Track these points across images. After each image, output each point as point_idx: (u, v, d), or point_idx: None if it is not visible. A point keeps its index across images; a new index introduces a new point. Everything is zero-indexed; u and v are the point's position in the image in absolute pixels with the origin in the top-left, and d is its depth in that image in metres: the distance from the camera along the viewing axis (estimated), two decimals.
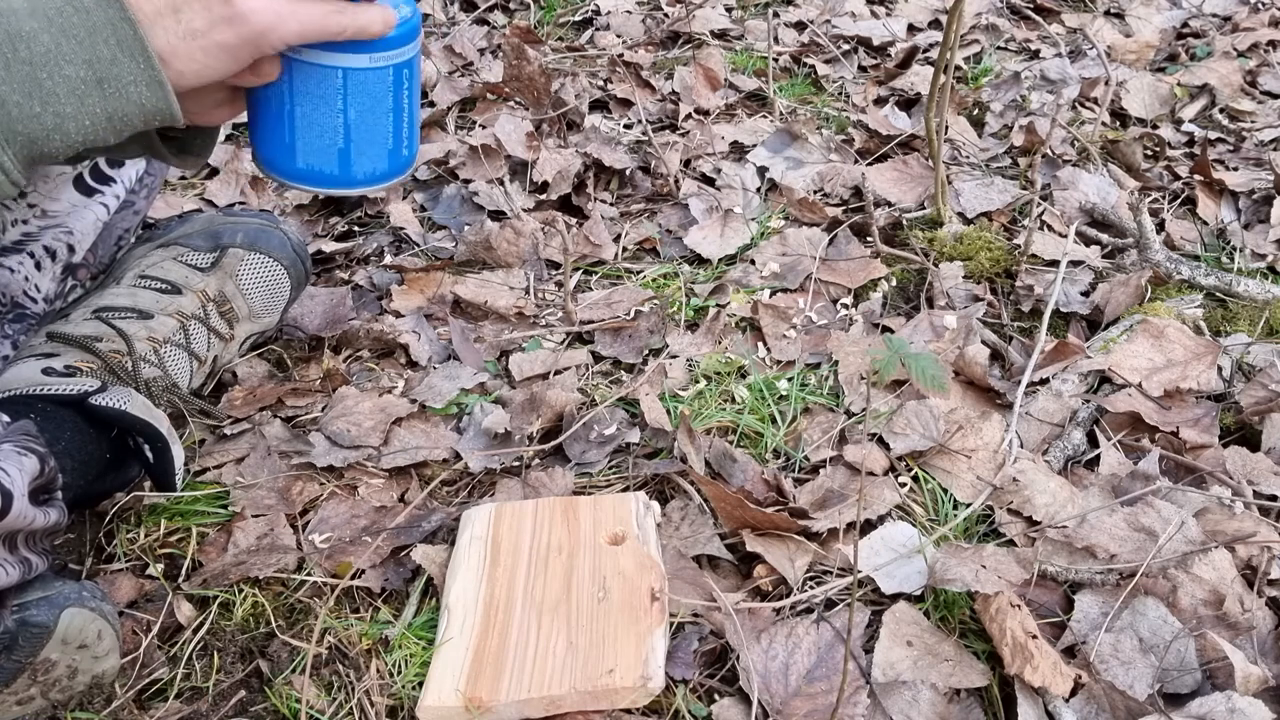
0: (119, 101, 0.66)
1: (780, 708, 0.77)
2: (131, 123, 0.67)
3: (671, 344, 1.17)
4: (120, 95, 0.66)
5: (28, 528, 0.69)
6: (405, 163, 0.84)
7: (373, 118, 0.79)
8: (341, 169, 0.81)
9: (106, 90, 0.65)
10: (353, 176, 0.82)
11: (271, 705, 0.79)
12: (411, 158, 0.84)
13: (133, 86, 0.66)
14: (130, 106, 0.66)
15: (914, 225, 1.35)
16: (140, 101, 0.67)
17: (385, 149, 0.82)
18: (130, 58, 0.65)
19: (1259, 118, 1.65)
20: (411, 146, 0.84)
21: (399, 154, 0.83)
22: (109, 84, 0.65)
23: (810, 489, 0.97)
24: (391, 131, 0.82)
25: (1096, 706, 0.76)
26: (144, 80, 0.66)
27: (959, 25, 1.16)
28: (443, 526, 0.94)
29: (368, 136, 0.80)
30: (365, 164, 0.82)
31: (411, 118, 0.83)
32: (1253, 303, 1.18)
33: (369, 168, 0.82)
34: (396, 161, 0.84)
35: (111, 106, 0.66)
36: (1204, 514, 0.90)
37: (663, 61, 1.88)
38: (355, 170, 0.82)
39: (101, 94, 0.65)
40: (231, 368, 1.12)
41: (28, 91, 0.63)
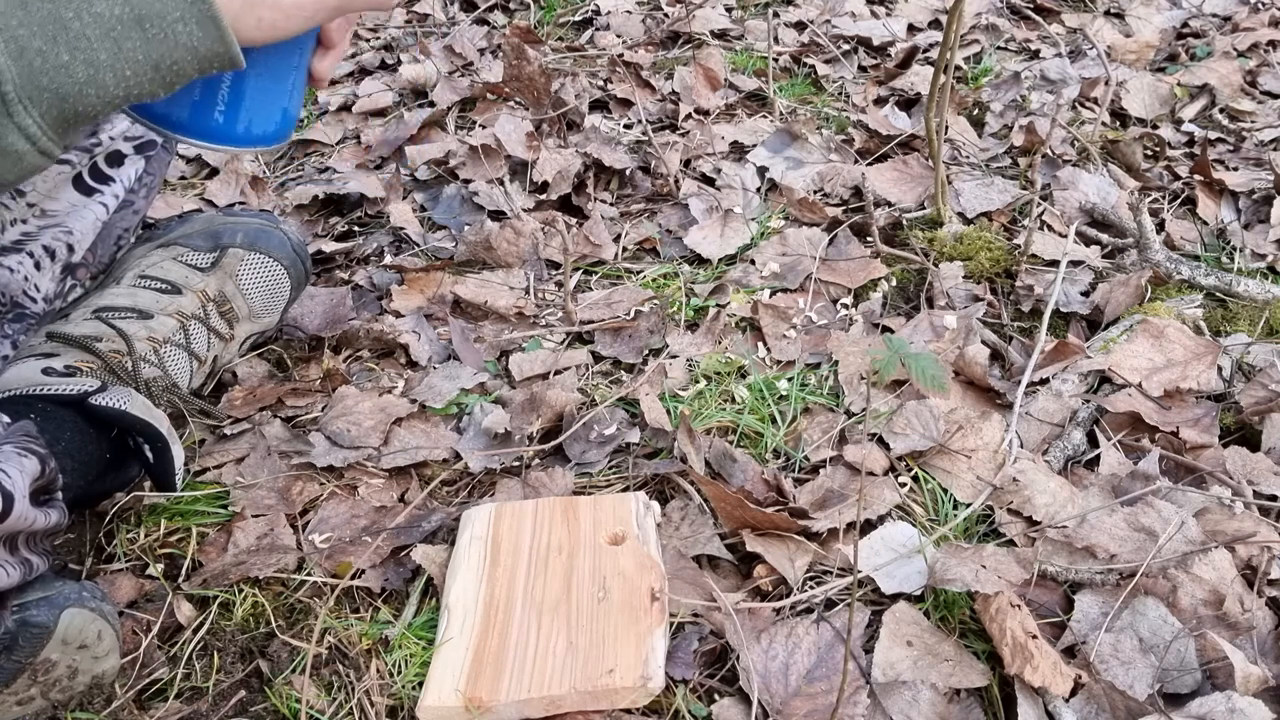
0: (165, 45, 0.56)
1: (780, 708, 0.77)
2: (184, 70, 0.57)
3: (671, 344, 1.17)
4: (166, 37, 0.56)
5: (28, 529, 0.69)
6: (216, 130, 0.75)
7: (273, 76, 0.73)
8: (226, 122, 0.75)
9: (148, 30, 0.55)
10: (235, 133, 0.76)
11: (271, 705, 0.79)
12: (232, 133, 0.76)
13: (180, 25, 0.56)
14: (179, 50, 0.56)
15: (914, 225, 1.35)
16: (191, 44, 0.57)
17: (277, 107, 0.77)
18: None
19: (1259, 118, 1.65)
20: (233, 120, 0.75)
21: (288, 118, 0.78)
22: (151, 23, 0.55)
23: (810, 489, 0.97)
24: (288, 91, 0.77)
25: (1096, 706, 0.76)
26: (193, 17, 0.56)
27: (959, 25, 1.16)
28: (443, 526, 0.94)
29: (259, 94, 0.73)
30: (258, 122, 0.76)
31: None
32: (1253, 303, 1.18)
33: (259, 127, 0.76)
34: (282, 125, 0.78)
35: (157, 51, 0.56)
36: (1204, 514, 0.90)
37: (663, 61, 1.88)
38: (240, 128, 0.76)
39: (143, 35, 0.55)
40: (231, 368, 1.12)
41: (51, 36, 0.53)
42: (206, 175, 1.55)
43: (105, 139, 0.97)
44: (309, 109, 1.80)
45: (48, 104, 0.54)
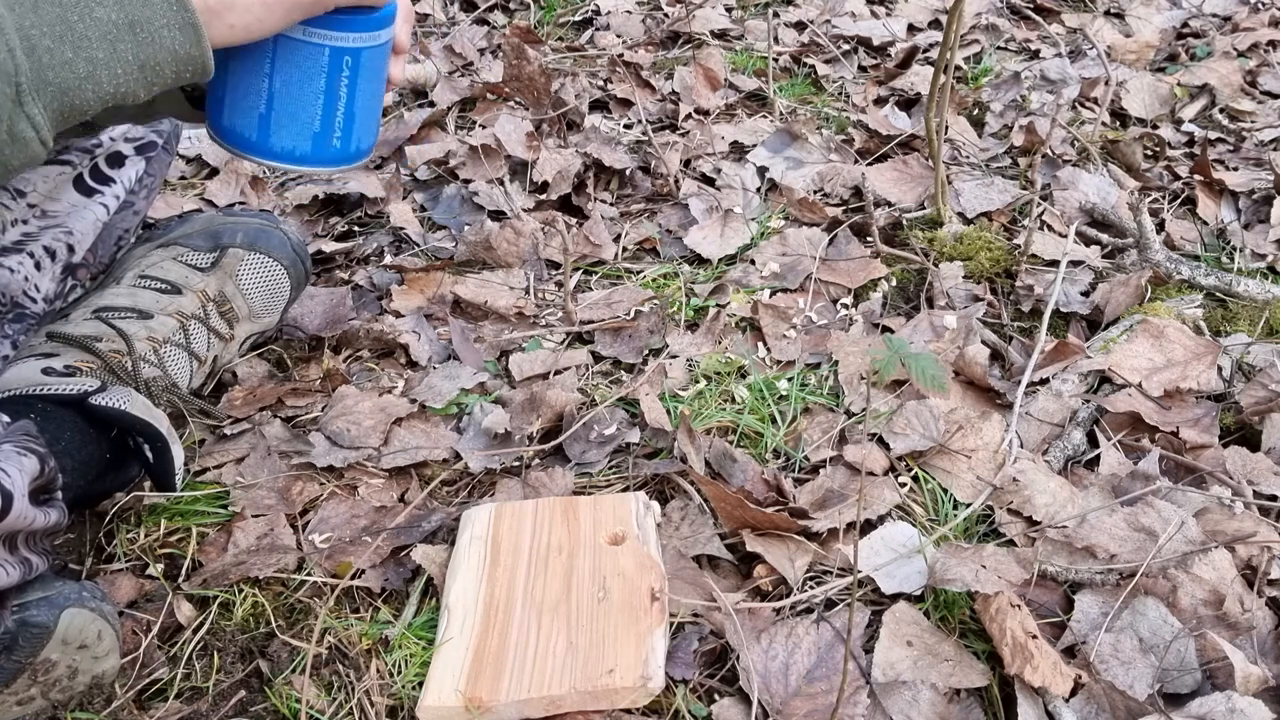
0: (151, 47, 0.62)
1: (780, 708, 0.77)
2: (163, 73, 0.64)
3: (671, 344, 1.17)
4: (153, 40, 0.62)
5: (28, 528, 0.69)
6: (337, 154, 0.82)
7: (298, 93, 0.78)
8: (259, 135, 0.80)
9: (139, 35, 0.62)
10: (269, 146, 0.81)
11: (271, 705, 0.79)
12: (348, 150, 0.82)
13: (165, 30, 0.63)
14: (162, 53, 0.63)
15: (914, 225, 1.35)
16: (173, 47, 0.63)
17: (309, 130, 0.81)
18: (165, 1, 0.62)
19: (1259, 118, 1.65)
20: (348, 137, 0.82)
21: (325, 140, 0.81)
22: (141, 28, 0.62)
23: (810, 489, 0.97)
24: (320, 115, 0.80)
25: (1096, 706, 0.76)
26: (176, 24, 0.63)
27: (959, 25, 1.16)
28: (443, 526, 0.94)
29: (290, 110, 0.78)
30: (285, 138, 0.80)
31: (350, 109, 0.81)
32: (1253, 303, 1.18)
33: (287, 142, 0.80)
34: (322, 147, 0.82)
35: (144, 53, 0.62)
36: (1204, 514, 0.90)
37: (663, 61, 1.88)
38: (273, 140, 0.80)
39: (134, 39, 0.62)
40: (231, 368, 1.12)
41: (59, 35, 0.59)
42: (206, 175, 1.55)
43: (106, 140, 0.97)
44: None
45: (51, 96, 0.59)
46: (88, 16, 0.60)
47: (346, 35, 0.79)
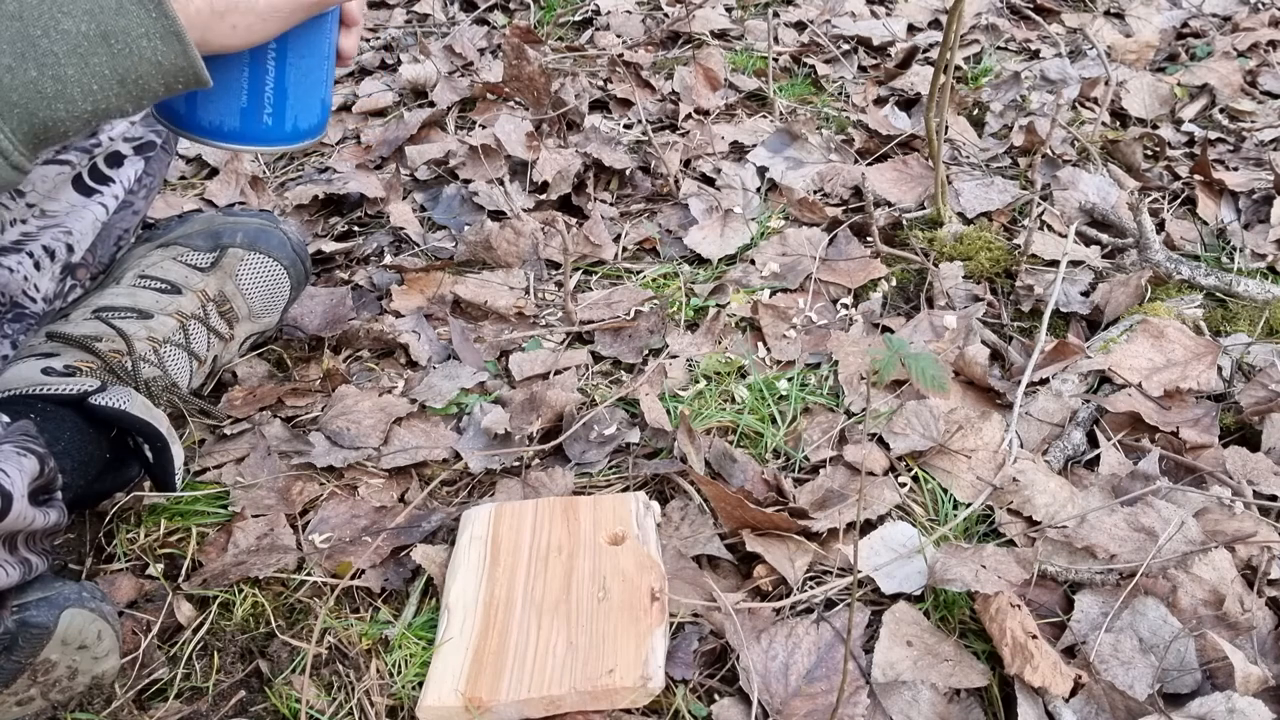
0: (130, 60, 0.57)
1: (780, 708, 0.77)
2: (150, 86, 0.59)
3: (671, 344, 1.17)
4: (130, 52, 0.57)
5: (28, 528, 0.69)
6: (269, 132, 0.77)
7: (222, 65, 0.72)
8: (187, 108, 0.76)
9: (114, 46, 0.56)
10: (197, 120, 0.76)
11: (271, 705, 0.79)
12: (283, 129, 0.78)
13: (144, 40, 0.57)
14: (144, 65, 0.57)
15: (914, 225, 1.35)
16: (156, 59, 0.58)
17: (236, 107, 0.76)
18: (138, 4, 0.57)
19: (1259, 118, 1.65)
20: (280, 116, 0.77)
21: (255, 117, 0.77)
22: (116, 38, 0.56)
23: (810, 489, 0.97)
24: (246, 91, 0.76)
25: (1096, 706, 0.76)
26: (157, 33, 0.57)
27: (959, 25, 1.16)
28: (443, 526, 0.94)
29: (216, 86, 0.72)
30: (211, 113, 0.76)
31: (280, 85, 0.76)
32: (1253, 303, 1.18)
33: (213, 118, 0.76)
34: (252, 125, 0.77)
35: (122, 66, 0.57)
36: (1204, 514, 0.90)
37: (663, 61, 1.88)
38: (200, 115, 0.76)
39: (109, 51, 0.56)
40: (231, 368, 1.12)
41: (19, 52, 0.54)
42: (206, 175, 1.55)
43: (105, 140, 0.97)
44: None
45: (18, 119, 0.55)
46: (53, 30, 0.55)
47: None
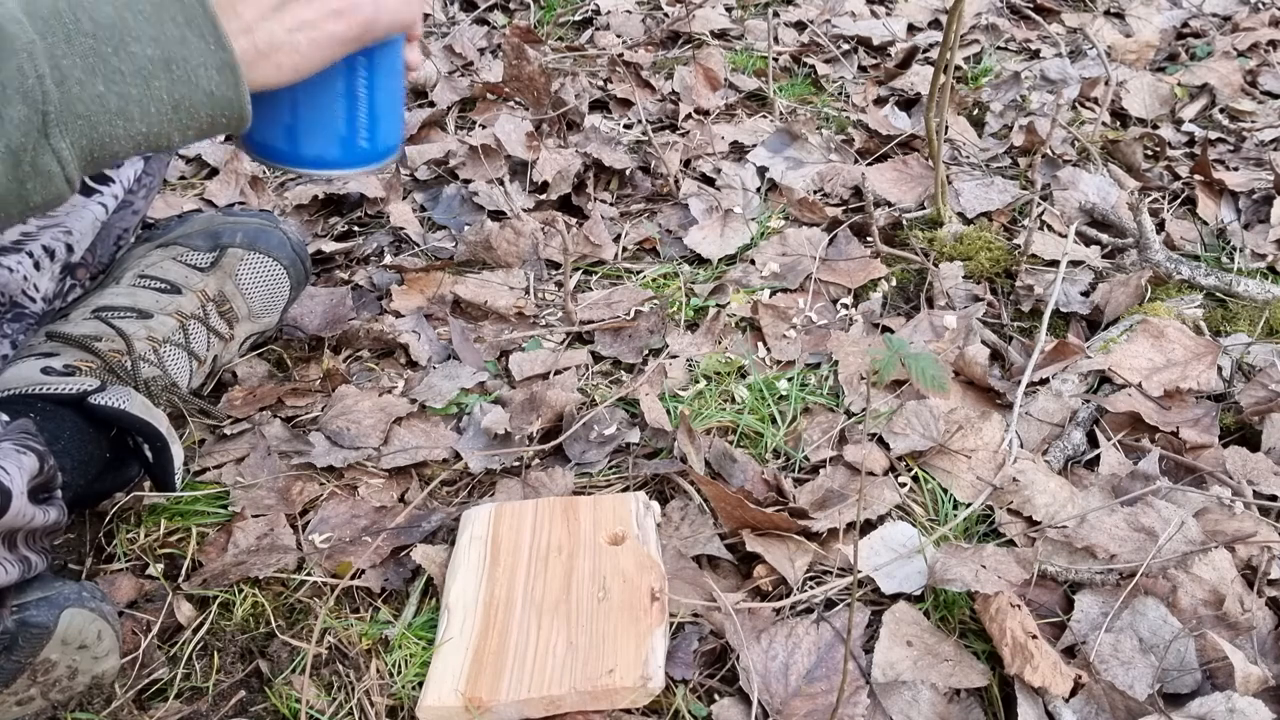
0: (187, 87, 0.60)
1: (780, 708, 0.77)
2: (198, 115, 0.62)
3: (671, 344, 1.17)
4: (188, 80, 0.60)
5: (27, 526, 0.69)
6: (365, 154, 0.81)
7: (321, 102, 0.77)
8: (290, 146, 0.79)
9: (174, 73, 0.59)
10: (300, 155, 0.80)
11: (271, 705, 0.79)
12: (376, 149, 0.82)
13: (202, 70, 0.61)
14: (198, 94, 0.61)
15: (914, 225, 1.35)
16: (209, 89, 0.61)
17: (334, 135, 0.80)
18: (199, 37, 0.60)
19: (1259, 118, 1.65)
20: (375, 138, 0.81)
21: (353, 143, 0.81)
22: (177, 65, 0.59)
23: (810, 489, 0.97)
24: (343, 119, 0.79)
25: (1096, 706, 0.76)
26: (214, 64, 0.61)
27: (959, 25, 1.16)
28: (443, 526, 0.94)
29: (316, 120, 0.77)
30: (313, 146, 0.80)
31: (374, 110, 0.80)
32: (1253, 303, 1.18)
33: (316, 150, 0.80)
34: (351, 150, 0.81)
35: (179, 92, 0.60)
36: (1204, 514, 0.90)
37: (663, 61, 1.88)
38: (303, 149, 0.80)
39: (169, 77, 0.59)
40: (231, 368, 1.12)
41: (91, 67, 0.57)
42: (206, 175, 1.55)
43: None
44: None
45: (79, 131, 0.57)
46: (123, 50, 0.58)
47: None
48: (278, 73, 0.66)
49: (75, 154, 0.58)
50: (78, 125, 0.57)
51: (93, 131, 0.58)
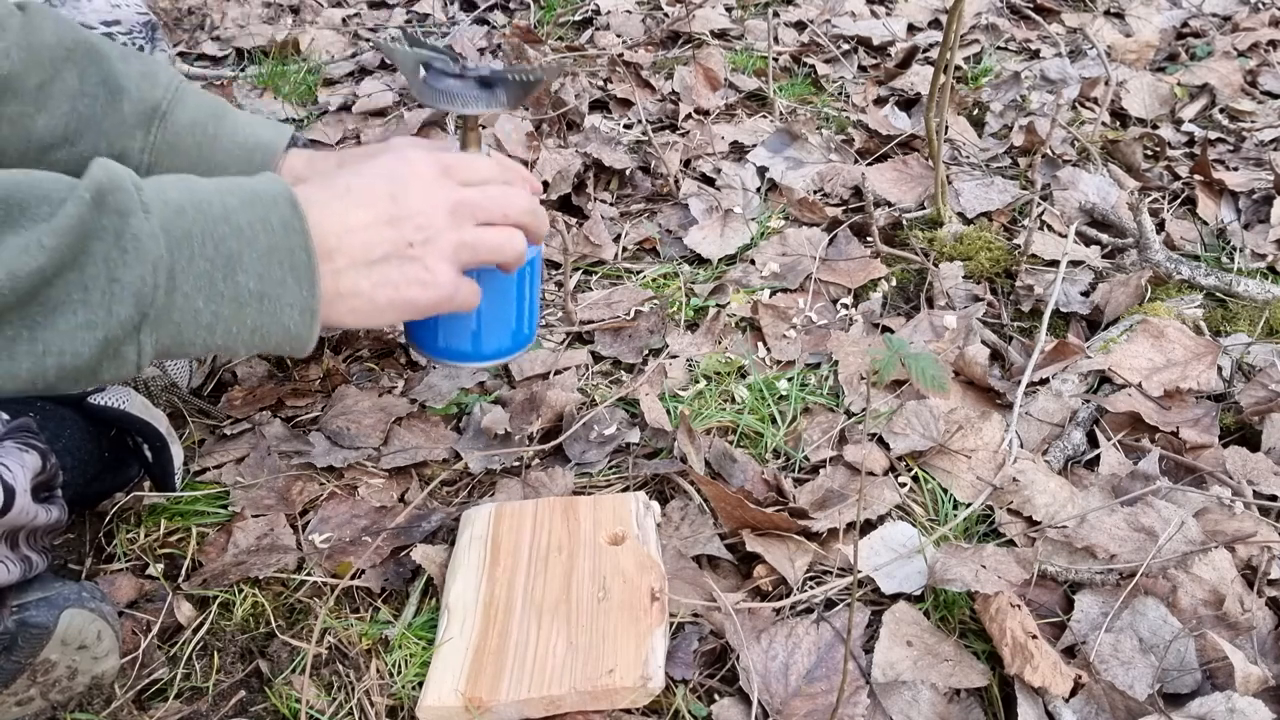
0: (269, 319, 0.65)
1: (780, 708, 0.77)
2: (268, 341, 0.67)
3: (671, 344, 1.17)
4: (273, 314, 0.65)
5: (30, 524, 0.69)
6: (526, 339, 0.95)
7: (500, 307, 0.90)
8: (474, 347, 0.93)
9: (264, 306, 0.65)
10: (482, 352, 0.93)
11: (271, 705, 0.79)
12: (532, 333, 0.95)
13: (288, 309, 0.66)
14: (275, 327, 0.66)
15: (914, 225, 1.35)
16: (287, 325, 0.66)
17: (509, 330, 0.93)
18: (297, 283, 0.66)
19: (1259, 118, 1.65)
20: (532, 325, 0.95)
21: (521, 333, 0.94)
22: (269, 300, 0.65)
23: (810, 489, 0.97)
24: (515, 314, 0.93)
25: (1096, 706, 0.76)
26: (299, 306, 0.66)
27: (959, 25, 1.16)
28: (443, 526, 0.94)
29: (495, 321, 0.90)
30: (493, 342, 0.93)
31: (532, 304, 0.94)
32: (1253, 303, 1.18)
33: (495, 345, 0.93)
34: (519, 339, 0.94)
35: (262, 322, 0.65)
36: (1204, 514, 0.90)
37: (663, 61, 1.88)
38: (485, 347, 0.93)
39: (259, 308, 0.65)
40: (231, 367, 1.12)
41: (199, 287, 0.62)
42: None
43: None
44: (309, 109, 1.80)
45: (167, 334, 0.62)
46: (230, 279, 0.63)
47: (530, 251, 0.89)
48: (349, 316, 0.71)
49: (154, 349, 0.62)
50: (168, 329, 0.61)
51: (178, 335, 0.62)
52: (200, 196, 0.63)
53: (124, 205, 0.59)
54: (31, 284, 0.56)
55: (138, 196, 0.60)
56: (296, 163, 0.92)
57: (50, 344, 0.58)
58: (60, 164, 0.83)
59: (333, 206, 0.69)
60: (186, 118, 0.88)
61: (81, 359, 0.59)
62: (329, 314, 0.70)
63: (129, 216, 0.59)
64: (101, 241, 0.58)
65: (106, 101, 0.85)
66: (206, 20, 2.21)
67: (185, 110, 0.88)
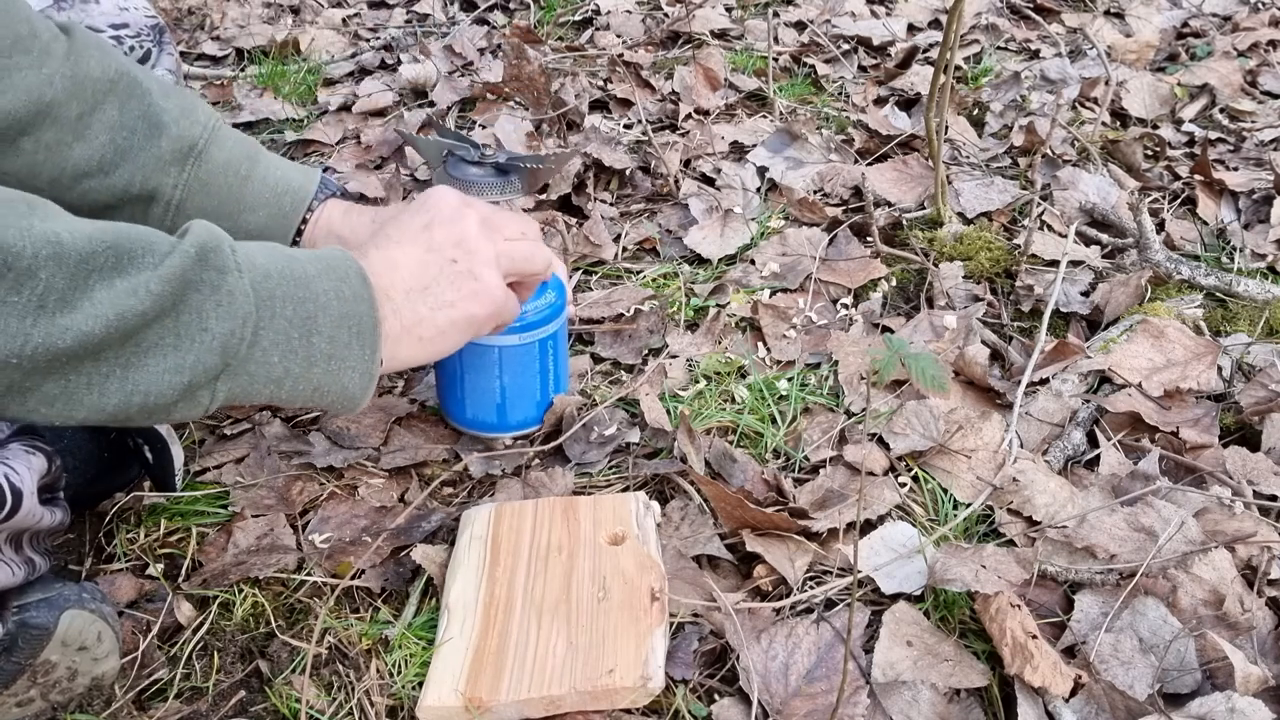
0: (331, 378, 0.70)
1: (780, 708, 0.77)
2: (325, 398, 0.71)
3: (671, 344, 1.17)
4: (336, 374, 0.70)
5: (35, 526, 0.69)
6: (547, 405, 1.02)
7: (523, 380, 0.97)
8: (499, 418, 1.00)
9: (330, 366, 0.69)
10: (507, 423, 1.01)
11: (271, 705, 0.79)
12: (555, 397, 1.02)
13: (350, 372, 0.70)
14: (335, 385, 0.70)
15: (914, 225, 1.35)
16: (345, 384, 0.71)
17: (534, 401, 1.00)
18: (362, 347, 0.70)
19: (1259, 118, 1.65)
20: (558, 389, 1.02)
21: (545, 405, 1.01)
22: (335, 361, 0.69)
23: (810, 489, 0.97)
24: (539, 388, 1.00)
25: (1096, 706, 0.76)
26: (359, 369, 0.71)
27: (959, 25, 1.16)
28: (443, 526, 0.94)
29: (519, 394, 0.96)
30: (518, 414, 1.00)
31: (558, 373, 1.01)
32: (1253, 303, 1.18)
33: (520, 416, 1.01)
34: (542, 410, 1.02)
35: (323, 381, 0.69)
36: (1204, 514, 0.90)
37: (663, 61, 1.88)
38: (510, 419, 1.00)
39: (325, 368, 0.69)
40: None
41: (277, 343, 0.66)
42: None
43: None
44: (309, 109, 1.80)
45: (238, 383, 0.65)
46: (307, 340, 0.67)
47: (550, 324, 0.96)
48: (417, 348, 0.76)
49: (225, 396, 0.65)
50: (241, 379, 0.65)
51: (249, 385, 0.66)
52: (284, 263, 0.68)
53: (222, 263, 0.64)
54: (133, 325, 0.59)
55: (233, 257, 0.65)
56: (334, 214, 0.96)
57: (139, 383, 0.61)
58: (92, 193, 0.85)
59: (379, 258, 0.75)
60: (222, 157, 0.90)
61: (164, 400, 0.62)
62: (398, 352, 0.75)
63: (226, 274, 0.64)
64: (199, 293, 0.62)
65: (145, 136, 0.86)
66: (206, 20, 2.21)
67: (221, 150, 0.90)
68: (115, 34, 1.00)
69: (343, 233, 0.94)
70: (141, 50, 1.03)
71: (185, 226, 0.65)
